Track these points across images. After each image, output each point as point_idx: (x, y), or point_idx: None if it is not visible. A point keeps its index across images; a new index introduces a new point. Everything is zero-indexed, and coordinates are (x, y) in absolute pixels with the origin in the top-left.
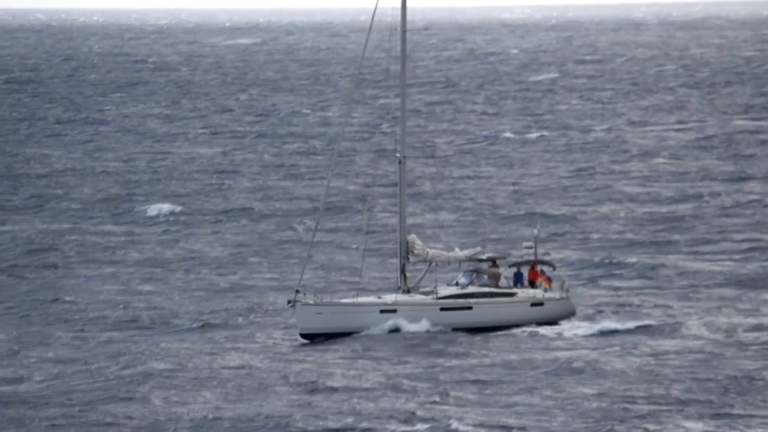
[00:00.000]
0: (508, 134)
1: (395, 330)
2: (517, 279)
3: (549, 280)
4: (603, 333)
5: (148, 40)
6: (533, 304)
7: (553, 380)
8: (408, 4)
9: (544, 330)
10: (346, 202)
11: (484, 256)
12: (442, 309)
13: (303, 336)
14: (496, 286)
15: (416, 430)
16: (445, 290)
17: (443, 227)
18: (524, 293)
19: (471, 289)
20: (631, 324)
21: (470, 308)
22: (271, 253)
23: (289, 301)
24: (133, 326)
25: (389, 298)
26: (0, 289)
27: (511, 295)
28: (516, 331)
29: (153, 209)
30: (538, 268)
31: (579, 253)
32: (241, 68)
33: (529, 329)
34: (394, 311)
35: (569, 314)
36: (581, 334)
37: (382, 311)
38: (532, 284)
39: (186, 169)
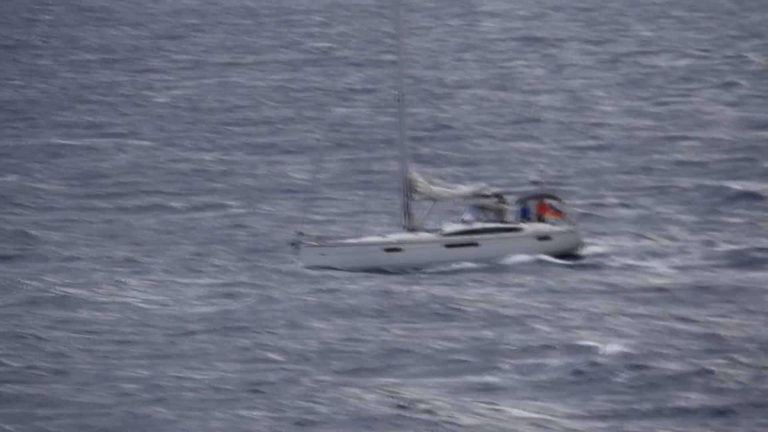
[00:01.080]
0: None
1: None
2: (524, 214)
3: (558, 212)
4: (675, 261)
5: None
6: (540, 238)
7: (634, 306)
8: None
9: (621, 259)
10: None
11: (489, 192)
12: (448, 246)
13: None
14: (502, 221)
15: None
16: (449, 227)
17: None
18: (531, 227)
19: (476, 225)
20: (707, 251)
21: (476, 244)
22: (344, 183)
23: (291, 243)
24: (223, 251)
25: (393, 237)
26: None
27: (518, 229)
28: (581, 261)
29: (227, 139)
30: (546, 201)
31: (638, 182)
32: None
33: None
34: (399, 250)
35: (577, 246)
36: (670, 263)
37: (386, 250)
38: (541, 219)
39: (257, 99)
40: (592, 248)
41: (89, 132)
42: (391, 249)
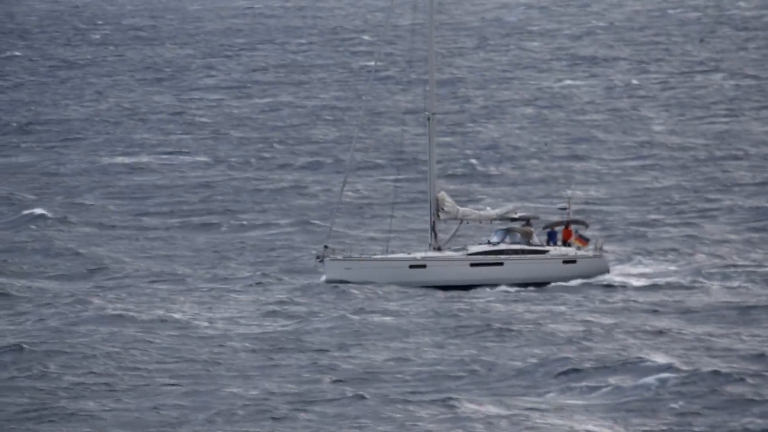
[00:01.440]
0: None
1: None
2: (551, 238)
3: (582, 239)
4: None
5: None
6: (565, 261)
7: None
8: None
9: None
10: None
11: (516, 215)
12: (473, 265)
13: None
14: (528, 243)
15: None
16: (475, 247)
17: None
18: (556, 250)
19: (502, 246)
20: (756, 271)
21: (501, 264)
22: (389, 202)
23: (317, 257)
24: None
25: (419, 254)
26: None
27: (543, 252)
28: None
29: (275, 158)
30: (572, 227)
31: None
32: (331, 15)
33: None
34: (424, 267)
35: (602, 272)
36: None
37: (411, 267)
38: (566, 244)
39: (304, 118)
40: (640, 268)
41: (137, 150)
42: (416, 266)
